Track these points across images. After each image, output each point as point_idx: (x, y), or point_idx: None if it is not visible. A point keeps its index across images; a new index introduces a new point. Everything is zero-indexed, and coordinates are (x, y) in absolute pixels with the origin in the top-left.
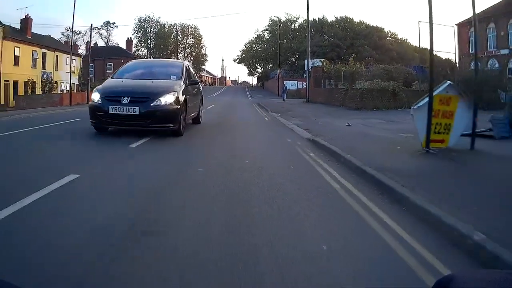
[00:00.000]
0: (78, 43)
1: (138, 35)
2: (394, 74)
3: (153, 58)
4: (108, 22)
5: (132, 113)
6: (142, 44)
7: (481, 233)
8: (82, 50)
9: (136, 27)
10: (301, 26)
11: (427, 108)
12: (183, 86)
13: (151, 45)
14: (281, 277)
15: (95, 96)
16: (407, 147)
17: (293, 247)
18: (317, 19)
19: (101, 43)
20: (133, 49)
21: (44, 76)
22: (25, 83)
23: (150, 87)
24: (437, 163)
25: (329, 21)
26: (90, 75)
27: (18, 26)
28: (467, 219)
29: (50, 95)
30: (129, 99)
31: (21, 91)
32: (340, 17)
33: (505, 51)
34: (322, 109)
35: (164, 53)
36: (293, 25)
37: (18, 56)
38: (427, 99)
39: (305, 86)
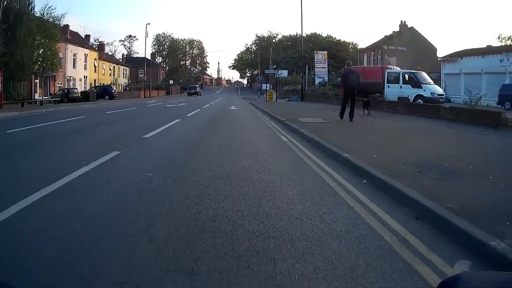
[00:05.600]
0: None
1: (155, 47)
2: None
3: (166, 64)
4: (130, 36)
5: None
6: (159, 54)
7: (260, 106)
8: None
9: (154, 41)
10: (279, 41)
11: (266, 93)
12: None
13: (165, 54)
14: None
15: None
16: (263, 101)
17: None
18: (292, 35)
19: (124, 51)
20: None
21: (113, 80)
22: None
23: None
24: (267, 103)
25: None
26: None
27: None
28: (266, 110)
29: (131, 92)
30: None
31: None
32: (310, 33)
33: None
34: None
35: (175, 60)
36: (273, 40)
37: (104, 69)
38: (268, 91)
39: None
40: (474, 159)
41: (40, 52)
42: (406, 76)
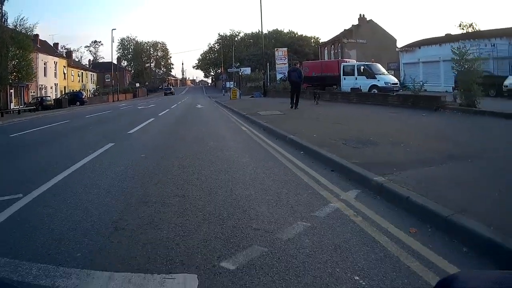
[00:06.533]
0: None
1: (120, 51)
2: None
3: (131, 68)
4: (95, 41)
5: None
6: (124, 58)
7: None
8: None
9: (119, 45)
10: (242, 39)
11: (230, 91)
12: None
13: (130, 57)
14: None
15: None
16: (227, 98)
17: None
18: (255, 32)
19: (90, 56)
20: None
21: (82, 86)
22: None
23: None
24: (231, 100)
25: (264, 33)
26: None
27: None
28: (230, 107)
29: (100, 97)
30: None
31: None
32: (272, 29)
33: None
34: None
35: (139, 63)
36: (236, 38)
37: (73, 76)
38: (232, 89)
39: None
40: (397, 135)
41: (15, 63)
42: (361, 68)
